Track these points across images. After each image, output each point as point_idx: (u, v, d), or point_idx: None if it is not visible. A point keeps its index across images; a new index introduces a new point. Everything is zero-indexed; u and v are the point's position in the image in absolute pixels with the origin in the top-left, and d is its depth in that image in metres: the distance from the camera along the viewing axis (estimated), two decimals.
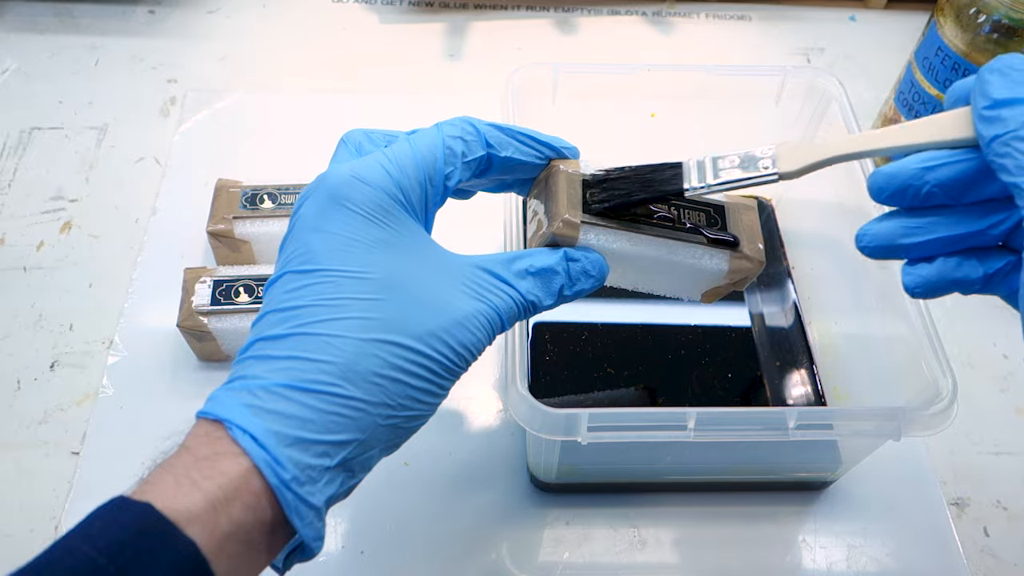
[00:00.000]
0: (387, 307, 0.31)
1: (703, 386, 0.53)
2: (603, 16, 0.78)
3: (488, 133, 0.36)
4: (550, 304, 0.36)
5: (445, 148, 0.35)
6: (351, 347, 0.30)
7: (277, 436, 0.29)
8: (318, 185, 0.33)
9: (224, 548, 0.27)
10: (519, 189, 0.41)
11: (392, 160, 0.34)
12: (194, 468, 0.28)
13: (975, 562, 0.49)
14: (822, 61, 0.76)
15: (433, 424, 0.33)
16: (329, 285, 0.31)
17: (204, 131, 0.68)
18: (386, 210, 0.33)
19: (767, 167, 0.36)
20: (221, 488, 0.28)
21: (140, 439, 0.45)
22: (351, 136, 0.37)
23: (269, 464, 0.28)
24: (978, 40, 0.55)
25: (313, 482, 0.30)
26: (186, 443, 0.30)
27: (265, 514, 0.29)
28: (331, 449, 0.30)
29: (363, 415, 0.30)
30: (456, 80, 0.73)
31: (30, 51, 0.72)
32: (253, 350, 0.31)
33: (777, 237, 0.61)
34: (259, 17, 0.77)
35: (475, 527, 0.49)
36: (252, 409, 0.29)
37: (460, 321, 0.33)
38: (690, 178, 0.37)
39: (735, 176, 0.36)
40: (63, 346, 0.55)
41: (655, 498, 0.51)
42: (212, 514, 0.27)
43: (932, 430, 0.41)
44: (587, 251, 0.37)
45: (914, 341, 0.43)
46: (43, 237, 0.61)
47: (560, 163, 0.38)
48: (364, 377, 0.30)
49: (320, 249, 0.32)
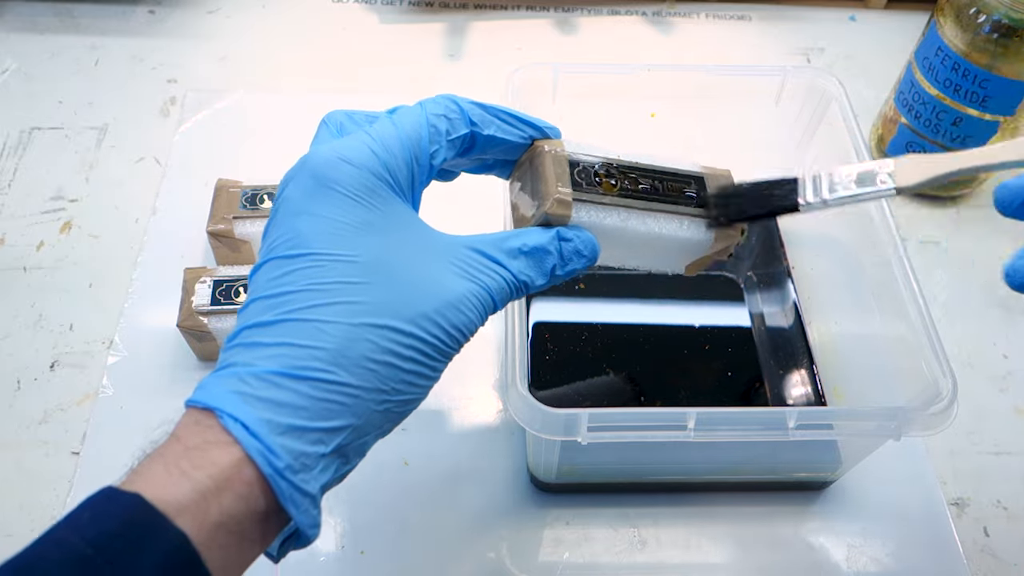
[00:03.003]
0: (378, 290, 0.31)
1: (703, 386, 0.53)
2: (603, 16, 0.78)
3: (471, 111, 0.36)
4: (542, 284, 0.36)
5: (429, 126, 0.34)
6: (342, 332, 0.30)
7: (269, 424, 0.28)
8: (301, 167, 0.33)
9: (215, 538, 0.27)
10: (500, 171, 0.40)
11: (377, 140, 0.33)
12: (184, 458, 0.28)
13: (975, 562, 0.49)
14: (822, 61, 0.76)
15: (433, 424, 0.33)
16: (318, 269, 0.31)
17: (204, 131, 0.68)
18: (373, 191, 0.32)
19: (884, 181, 0.36)
20: (211, 478, 0.28)
21: (140, 439, 0.45)
22: (332, 117, 0.36)
23: (262, 453, 0.28)
24: (978, 40, 0.55)
25: (308, 469, 0.29)
26: (176, 432, 0.29)
27: (258, 503, 0.28)
28: (325, 436, 0.29)
29: (357, 401, 0.30)
30: (456, 80, 0.73)
31: (30, 51, 0.72)
32: (242, 337, 0.31)
33: (777, 237, 0.61)
34: (259, 17, 0.77)
35: (475, 527, 0.49)
36: (243, 397, 0.29)
37: (452, 302, 0.32)
38: (806, 193, 0.37)
39: (851, 192, 0.37)
40: (63, 346, 0.55)
41: (655, 498, 0.51)
42: (202, 504, 0.27)
43: (932, 430, 0.41)
44: (579, 230, 0.37)
45: (914, 341, 0.43)
46: (43, 237, 0.61)
47: (544, 143, 0.38)
48: (356, 362, 0.30)
49: (307, 232, 0.31)
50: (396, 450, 0.51)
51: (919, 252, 0.63)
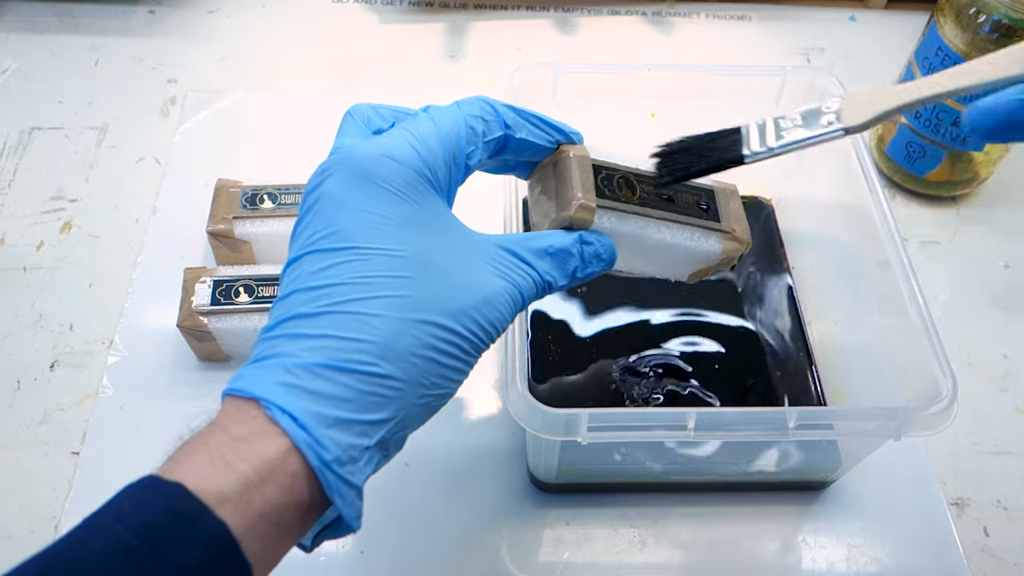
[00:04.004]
0: (422, 285, 0.31)
1: (703, 386, 0.53)
2: (603, 16, 0.78)
3: (505, 114, 0.36)
4: (563, 285, 0.36)
5: (467, 127, 0.35)
6: (389, 326, 0.30)
7: (317, 417, 0.29)
8: (342, 161, 0.33)
9: (256, 529, 0.27)
10: (520, 172, 0.41)
11: (419, 137, 0.34)
12: (229, 448, 0.28)
13: (975, 562, 0.49)
14: (822, 61, 0.76)
15: (433, 424, 0.33)
16: (363, 263, 0.31)
17: (204, 131, 0.68)
18: (415, 188, 0.33)
19: (831, 122, 0.35)
20: (255, 470, 0.28)
21: (140, 439, 0.45)
22: (358, 110, 0.36)
23: (310, 445, 0.28)
24: (978, 40, 0.55)
25: (354, 462, 0.29)
26: (219, 421, 0.29)
27: (301, 495, 0.29)
28: (370, 429, 0.30)
29: (400, 394, 0.30)
30: (456, 80, 0.73)
31: (30, 51, 0.72)
32: (283, 328, 0.31)
33: (777, 237, 0.61)
34: (259, 17, 0.77)
35: (475, 527, 0.49)
36: (290, 389, 0.29)
37: (488, 299, 0.33)
38: (750, 143, 0.36)
39: (798, 136, 0.35)
40: (63, 346, 0.55)
41: (655, 498, 0.51)
42: (245, 495, 0.27)
43: (932, 430, 0.41)
44: (599, 235, 0.37)
45: (914, 341, 0.43)
46: (43, 237, 0.61)
47: (569, 148, 0.39)
48: (401, 356, 0.30)
49: (351, 226, 0.31)
50: None
51: (919, 252, 0.63)
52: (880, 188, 0.49)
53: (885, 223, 0.47)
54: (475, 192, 0.47)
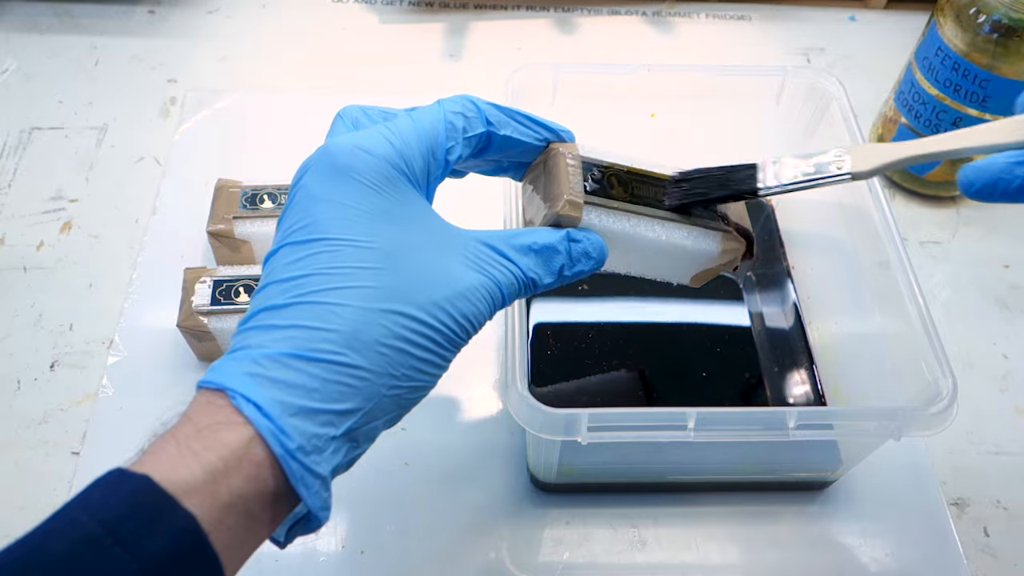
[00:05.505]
0: (391, 276, 0.31)
1: (703, 386, 0.53)
2: (603, 16, 0.78)
3: (488, 111, 0.36)
4: (549, 283, 0.36)
5: (447, 123, 0.35)
6: (355, 316, 0.30)
7: (281, 405, 0.29)
8: (320, 156, 0.33)
9: (223, 520, 0.27)
10: (514, 174, 0.41)
11: (395, 132, 0.34)
12: (195, 438, 0.28)
13: (975, 562, 0.49)
14: (822, 61, 0.76)
15: (433, 424, 0.33)
16: (333, 254, 0.31)
17: (204, 131, 0.68)
18: (390, 180, 0.33)
19: (840, 168, 0.38)
20: (221, 459, 0.28)
21: (140, 439, 0.45)
22: (347, 111, 0.36)
23: (274, 433, 0.28)
24: (978, 40, 0.55)
25: (319, 451, 0.29)
26: (188, 413, 0.29)
27: (267, 484, 0.29)
28: (336, 418, 0.30)
29: (367, 384, 0.30)
30: (456, 80, 0.73)
31: (30, 51, 0.72)
32: (255, 320, 0.31)
33: (777, 237, 0.61)
34: (259, 17, 0.77)
35: (475, 527, 0.49)
36: (255, 378, 0.29)
37: (462, 292, 0.33)
38: (765, 178, 0.39)
39: (809, 176, 0.39)
40: (63, 346, 0.55)
41: (655, 498, 0.51)
42: (212, 485, 0.27)
43: (932, 430, 0.41)
44: (588, 233, 0.37)
45: (914, 341, 0.43)
46: (43, 237, 0.61)
47: (559, 146, 0.38)
48: (368, 346, 0.30)
49: (324, 218, 0.32)
50: (396, 450, 0.51)
51: (919, 252, 0.63)
52: (880, 188, 0.49)
53: (885, 223, 0.47)
54: (475, 193, 0.47)
